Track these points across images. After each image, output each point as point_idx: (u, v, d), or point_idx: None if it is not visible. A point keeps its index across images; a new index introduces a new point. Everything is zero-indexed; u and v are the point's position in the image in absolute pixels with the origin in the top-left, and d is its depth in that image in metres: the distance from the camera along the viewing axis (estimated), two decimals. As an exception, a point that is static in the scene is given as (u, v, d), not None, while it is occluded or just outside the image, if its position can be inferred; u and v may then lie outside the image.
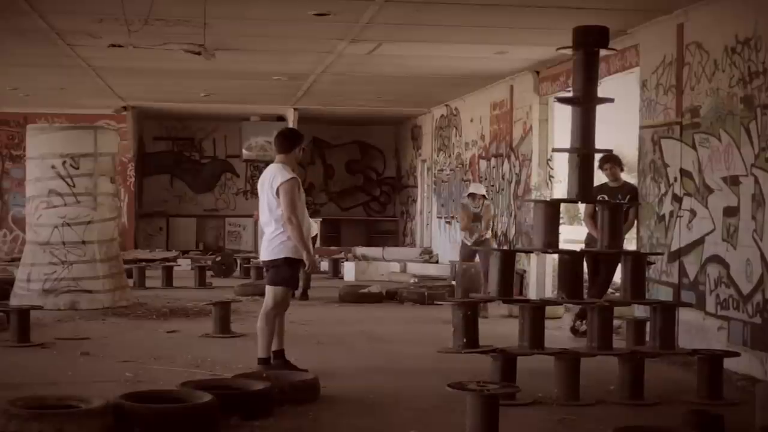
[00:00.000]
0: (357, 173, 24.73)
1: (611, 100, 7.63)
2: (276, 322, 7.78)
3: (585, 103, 7.39)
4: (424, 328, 10.94)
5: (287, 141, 7.94)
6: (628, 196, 10.34)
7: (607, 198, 10.38)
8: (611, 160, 10.31)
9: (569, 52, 7.61)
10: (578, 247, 11.13)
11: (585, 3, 9.40)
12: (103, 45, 11.82)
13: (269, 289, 7.78)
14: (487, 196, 13.80)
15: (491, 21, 10.34)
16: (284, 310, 7.92)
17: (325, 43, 11.94)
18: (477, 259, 12.95)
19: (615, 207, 7.88)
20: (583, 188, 7.49)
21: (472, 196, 13.34)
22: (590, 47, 7.41)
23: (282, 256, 7.69)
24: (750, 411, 6.16)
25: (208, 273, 16.07)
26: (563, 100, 7.76)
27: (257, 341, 7.83)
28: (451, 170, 18.58)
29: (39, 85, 16.51)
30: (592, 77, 7.44)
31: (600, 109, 7.56)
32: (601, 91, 7.66)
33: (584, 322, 9.94)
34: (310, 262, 7.75)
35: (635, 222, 10.39)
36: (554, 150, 11.33)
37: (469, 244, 13.11)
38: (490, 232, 13.77)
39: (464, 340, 7.36)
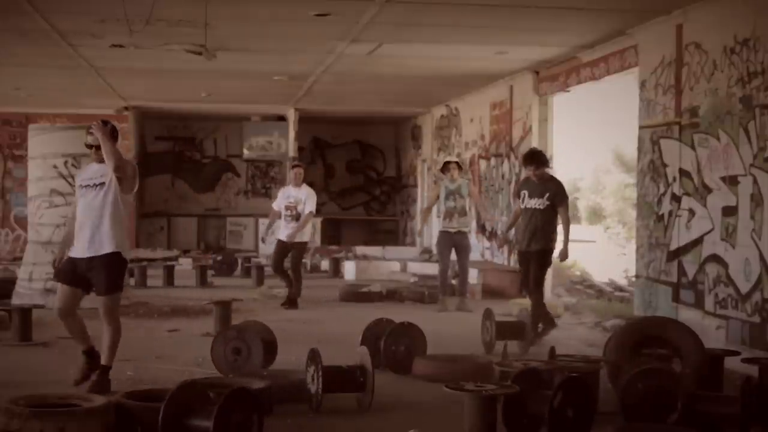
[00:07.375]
0: (357, 173, 24.74)
1: None
2: None
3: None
4: (423, 327, 10.94)
5: None
6: (547, 194, 9.58)
7: (527, 194, 9.72)
8: (534, 161, 9.68)
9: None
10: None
11: (585, 4, 9.43)
12: (104, 45, 11.86)
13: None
14: (463, 167, 12.36)
15: (491, 21, 10.37)
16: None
17: (325, 44, 11.97)
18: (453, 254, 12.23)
19: None
20: None
21: (446, 167, 12.35)
22: None
23: None
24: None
25: (210, 272, 16.10)
26: None
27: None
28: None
29: (41, 85, 16.54)
30: None
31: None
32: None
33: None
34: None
35: (569, 221, 9.68)
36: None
37: (452, 231, 12.10)
38: (471, 217, 12.34)
39: None
